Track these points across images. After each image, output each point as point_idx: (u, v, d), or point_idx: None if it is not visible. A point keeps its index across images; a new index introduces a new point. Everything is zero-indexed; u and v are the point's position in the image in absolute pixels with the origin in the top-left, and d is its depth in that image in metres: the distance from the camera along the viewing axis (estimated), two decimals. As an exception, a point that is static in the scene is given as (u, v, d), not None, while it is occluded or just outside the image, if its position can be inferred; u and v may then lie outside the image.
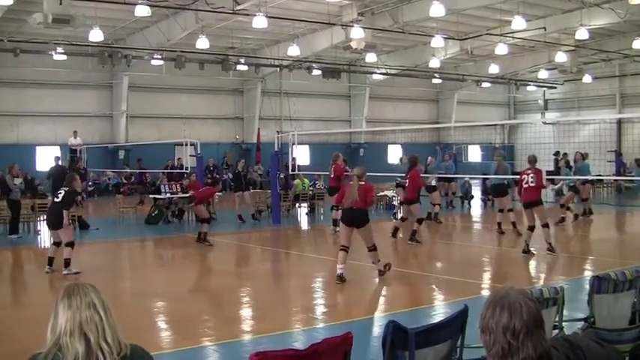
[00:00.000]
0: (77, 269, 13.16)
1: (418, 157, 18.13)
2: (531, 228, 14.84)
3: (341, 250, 12.31)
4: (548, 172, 28.23)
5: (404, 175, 18.42)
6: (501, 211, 18.76)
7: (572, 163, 22.69)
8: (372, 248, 12.47)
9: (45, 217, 15.45)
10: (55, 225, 13.60)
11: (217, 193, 25.27)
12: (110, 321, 3.19)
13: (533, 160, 15.20)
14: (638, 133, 40.49)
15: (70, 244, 13.36)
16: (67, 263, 13.18)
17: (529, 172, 14.93)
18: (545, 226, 14.84)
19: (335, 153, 20.00)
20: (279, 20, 27.97)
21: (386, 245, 17.80)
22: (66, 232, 13.46)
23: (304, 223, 24.26)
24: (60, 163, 25.82)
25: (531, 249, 14.82)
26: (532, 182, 14.77)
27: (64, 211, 13.29)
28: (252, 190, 24.77)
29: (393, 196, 27.15)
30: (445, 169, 24.65)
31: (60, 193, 13.72)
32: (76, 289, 3.23)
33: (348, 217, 12.40)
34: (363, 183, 12.35)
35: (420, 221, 17.14)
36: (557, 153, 31.54)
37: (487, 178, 23.73)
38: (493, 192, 20.04)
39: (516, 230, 17.82)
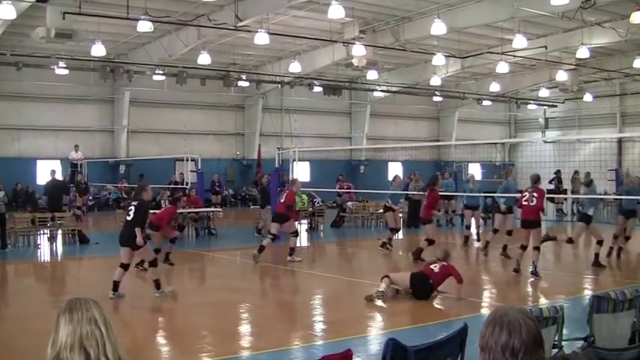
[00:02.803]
0: (170, 287, 12.63)
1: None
2: (523, 247, 14.75)
3: (385, 277, 12.10)
4: (549, 191, 28.30)
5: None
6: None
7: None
8: None
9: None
10: (127, 244, 12.21)
11: (219, 212, 25.35)
12: (111, 336, 3.19)
13: (535, 179, 15.01)
14: (638, 152, 40.46)
15: (153, 263, 12.40)
16: (158, 285, 12.24)
17: (530, 190, 14.73)
18: (537, 249, 14.58)
19: (293, 178, 19.09)
20: (281, 37, 28.05)
21: (384, 261, 17.82)
22: (144, 251, 12.35)
23: (304, 239, 24.23)
24: (56, 177, 25.76)
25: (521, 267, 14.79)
26: (532, 201, 14.51)
27: (137, 229, 11.99)
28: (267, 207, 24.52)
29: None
30: (445, 186, 24.67)
31: (130, 209, 12.37)
32: (77, 304, 3.23)
33: (417, 283, 12.08)
34: (445, 264, 12.22)
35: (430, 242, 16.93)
36: (558, 172, 31.61)
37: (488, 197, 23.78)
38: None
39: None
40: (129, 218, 12.21)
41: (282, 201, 17.65)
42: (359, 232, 25.84)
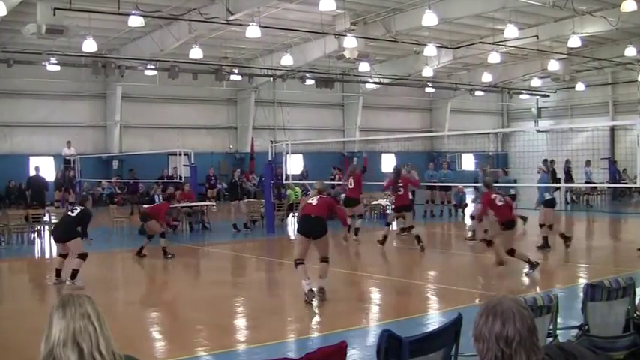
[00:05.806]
0: (82, 283, 12.73)
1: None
2: (550, 226, 16.51)
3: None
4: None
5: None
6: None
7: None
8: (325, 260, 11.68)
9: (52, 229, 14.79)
10: (62, 238, 13.45)
11: (213, 205, 25.35)
12: (105, 332, 3.17)
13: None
14: (630, 141, 40.48)
15: (82, 256, 13.00)
16: (74, 274, 12.84)
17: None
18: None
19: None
20: (273, 30, 28.04)
21: (378, 253, 17.84)
22: (76, 244, 13.18)
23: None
24: (40, 173, 25.76)
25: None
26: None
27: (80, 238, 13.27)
28: (246, 200, 24.80)
29: (387, 205, 27.17)
30: (444, 176, 24.62)
31: (76, 209, 13.63)
32: (71, 300, 3.22)
33: (304, 228, 11.81)
34: (324, 197, 11.99)
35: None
36: (546, 161, 31.57)
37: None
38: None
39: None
40: (71, 215, 13.47)
41: (350, 187, 19.65)
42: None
